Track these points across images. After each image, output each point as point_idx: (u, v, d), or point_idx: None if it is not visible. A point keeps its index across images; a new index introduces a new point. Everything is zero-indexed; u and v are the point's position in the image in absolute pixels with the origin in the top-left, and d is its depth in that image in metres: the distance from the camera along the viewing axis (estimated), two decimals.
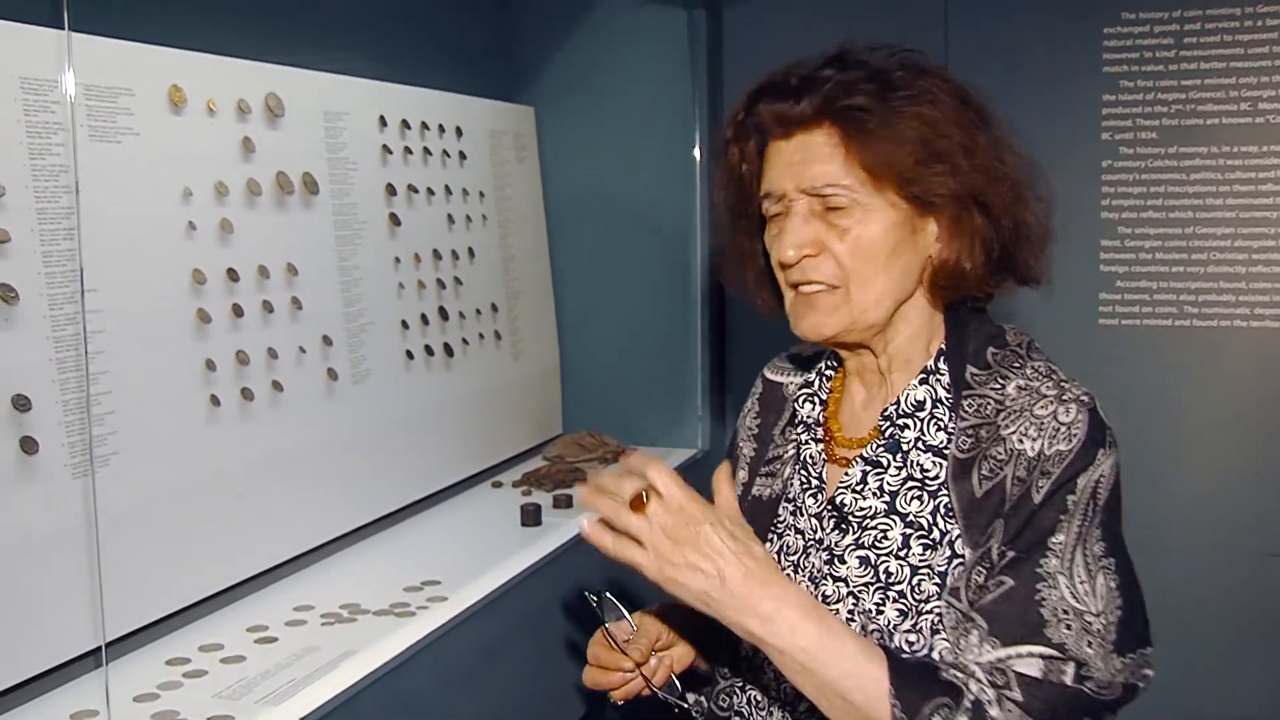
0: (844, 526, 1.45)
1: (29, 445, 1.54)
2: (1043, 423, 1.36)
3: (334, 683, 1.60)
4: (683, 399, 3.04)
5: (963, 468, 1.38)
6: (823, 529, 1.48)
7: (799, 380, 1.65)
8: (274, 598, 1.96)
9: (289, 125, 2.10)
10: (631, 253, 3.04)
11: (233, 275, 1.93)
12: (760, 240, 1.53)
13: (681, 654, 1.61)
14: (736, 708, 1.54)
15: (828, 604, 1.42)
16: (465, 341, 2.64)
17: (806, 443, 1.56)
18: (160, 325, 1.79)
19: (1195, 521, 2.73)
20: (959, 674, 1.28)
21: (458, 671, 1.81)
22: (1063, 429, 1.34)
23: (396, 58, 2.52)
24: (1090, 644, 1.29)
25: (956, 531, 1.37)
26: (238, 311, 1.94)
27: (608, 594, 1.56)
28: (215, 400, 1.88)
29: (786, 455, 1.59)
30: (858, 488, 1.45)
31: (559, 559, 2.17)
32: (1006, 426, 1.38)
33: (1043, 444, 1.34)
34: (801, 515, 1.52)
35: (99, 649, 1.65)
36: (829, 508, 1.48)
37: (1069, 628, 1.28)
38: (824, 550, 1.46)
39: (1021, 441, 1.36)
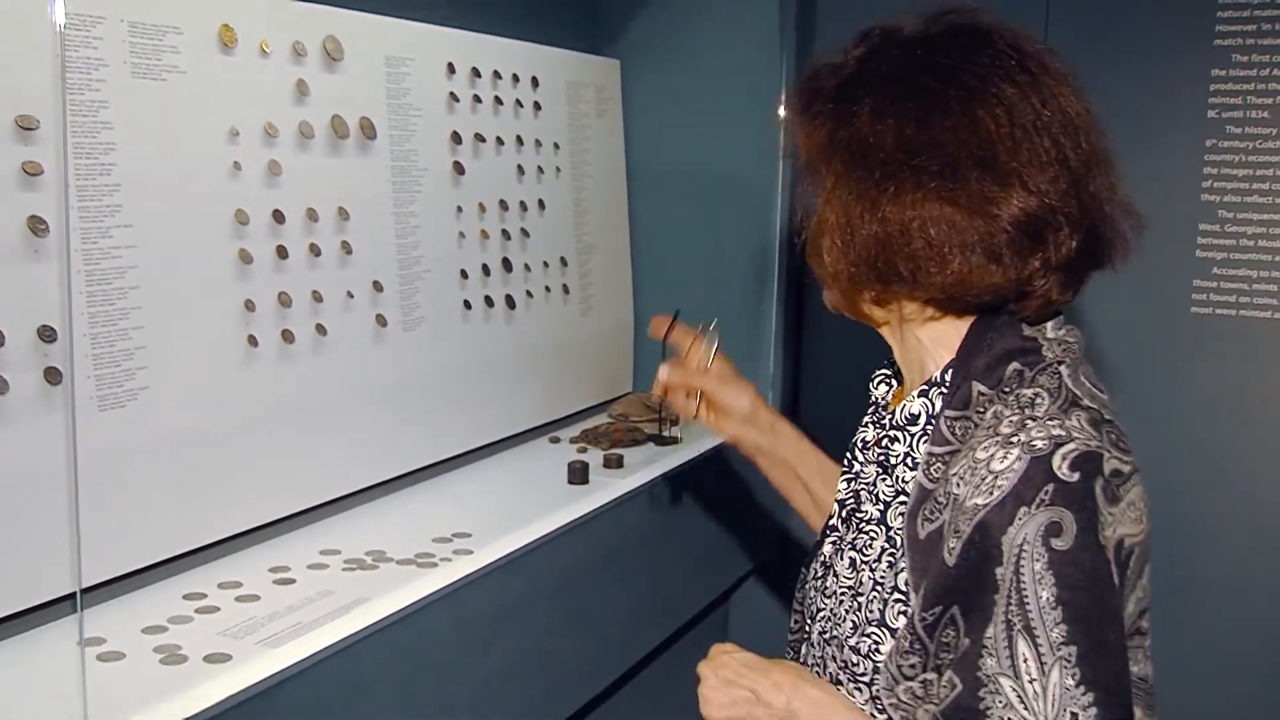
0: (849, 521, 1.43)
1: (53, 375, 1.57)
2: (976, 467, 1.20)
3: (336, 630, 1.60)
4: (755, 366, 2.97)
5: (919, 499, 1.27)
6: (839, 518, 1.46)
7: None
8: (303, 541, 1.97)
9: (348, 69, 2.09)
10: (713, 213, 2.98)
11: (278, 217, 1.94)
12: None
13: (723, 426, 1.74)
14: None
15: (824, 594, 1.42)
16: (530, 294, 2.62)
17: (866, 425, 1.50)
18: (198, 264, 1.81)
19: None
20: None
21: (472, 628, 1.81)
22: (988, 479, 1.18)
23: (475, 7, 2.50)
24: None
25: (904, 564, 1.27)
26: (282, 254, 1.95)
27: (715, 326, 1.78)
28: (253, 341, 1.89)
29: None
30: (869, 489, 1.41)
31: (596, 520, 2.15)
32: (954, 465, 1.23)
33: (967, 492, 1.19)
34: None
35: (120, 577, 1.70)
36: (853, 499, 1.44)
37: None
38: (837, 540, 1.44)
39: (958, 486, 1.21)
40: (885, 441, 1.38)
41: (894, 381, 1.50)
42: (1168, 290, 2.61)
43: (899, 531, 1.30)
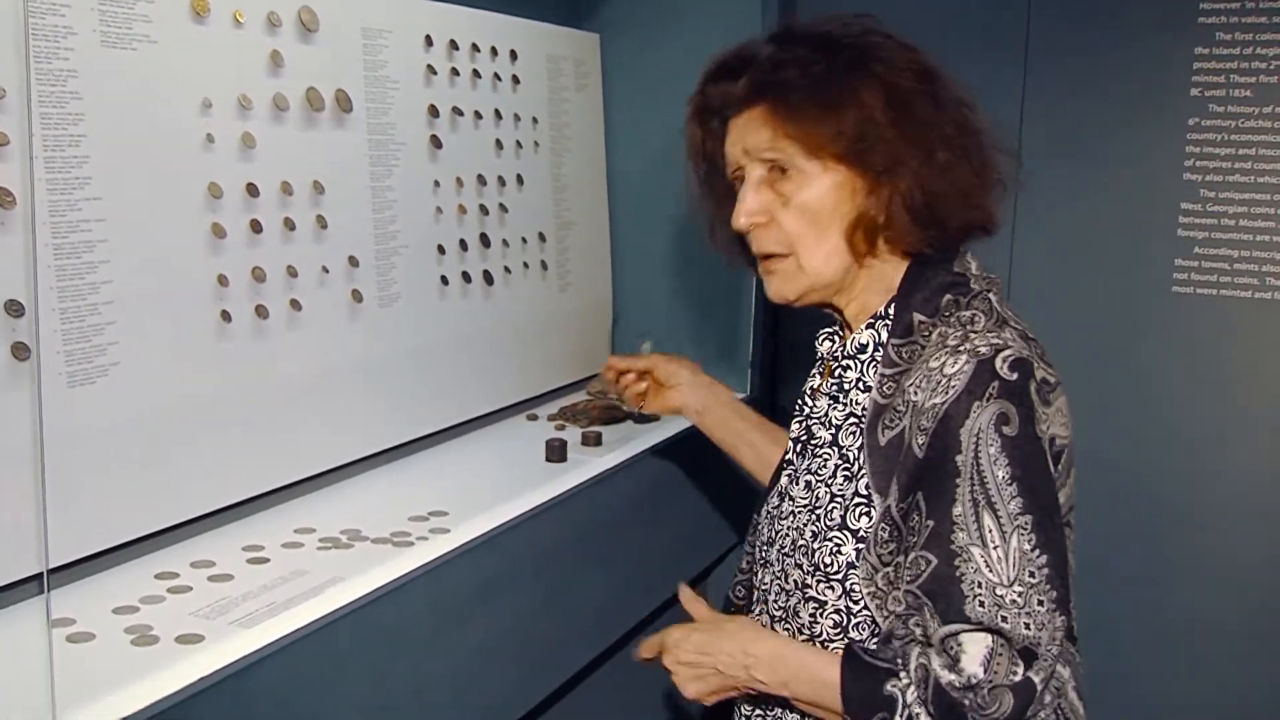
0: (803, 452, 1.59)
1: (20, 351, 1.54)
2: (930, 374, 1.38)
3: (310, 610, 1.58)
4: (734, 342, 2.97)
5: (876, 413, 1.45)
6: (794, 452, 1.62)
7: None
8: (277, 519, 1.95)
9: (323, 40, 2.06)
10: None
11: (252, 190, 1.91)
12: (730, 206, 1.61)
13: (668, 400, 2.01)
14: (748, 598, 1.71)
15: (780, 519, 1.58)
16: (508, 270, 2.60)
17: (813, 375, 1.67)
18: (169, 238, 1.77)
19: (1268, 504, 2.58)
20: (898, 682, 1.35)
21: (449, 608, 1.79)
22: (943, 381, 1.36)
23: None
24: (1005, 618, 1.30)
25: (864, 472, 1.44)
26: (256, 228, 1.91)
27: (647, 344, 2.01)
28: (227, 316, 1.86)
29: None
30: (821, 419, 1.57)
31: (575, 498, 2.13)
32: (908, 378, 1.42)
33: (925, 395, 1.37)
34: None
35: (91, 556, 1.68)
36: (805, 434, 1.61)
37: (983, 604, 1.30)
38: (792, 471, 1.60)
39: (916, 394, 1.39)
40: (838, 371, 1.55)
41: (836, 339, 1.64)
42: (1149, 269, 2.61)
43: (855, 446, 1.47)
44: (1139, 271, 2.62)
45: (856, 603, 1.43)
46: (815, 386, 1.65)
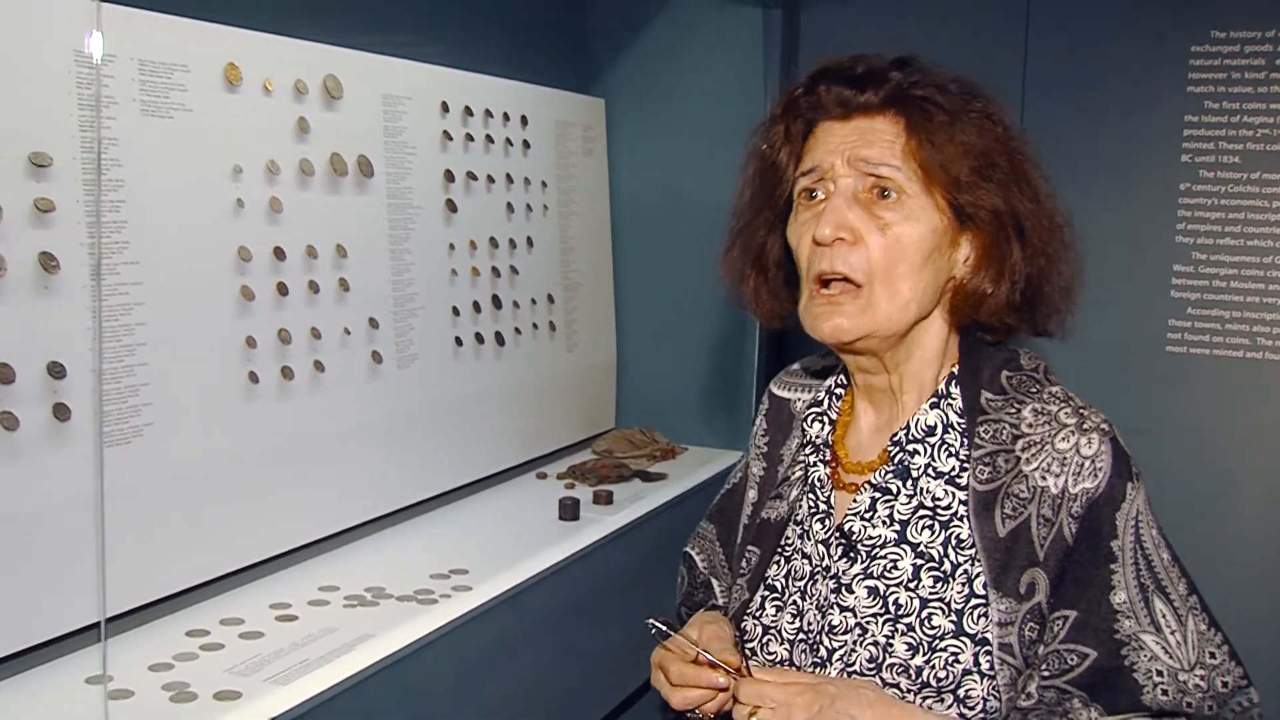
0: (852, 555, 1.39)
1: (61, 412, 1.57)
2: (1065, 457, 1.31)
3: (344, 667, 1.60)
4: (737, 402, 3.00)
5: (984, 502, 1.32)
6: (830, 556, 1.42)
7: (808, 398, 1.58)
8: (301, 576, 1.97)
9: (346, 107, 2.11)
10: (695, 251, 2.99)
11: (279, 254, 1.95)
12: (776, 235, 1.46)
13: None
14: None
15: (834, 634, 1.36)
16: (518, 331, 2.64)
17: (815, 465, 1.49)
18: (202, 300, 1.81)
19: (1261, 563, 2.63)
20: None
21: (473, 664, 1.81)
22: (1086, 464, 1.30)
23: (467, 46, 2.52)
24: (1190, 704, 1.26)
25: (976, 569, 1.31)
26: (282, 290, 1.96)
27: (663, 623, 1.44)
28: (254, 378, 1.90)
29: (794, 477, 1.52)
30: (867, 515, 1.39)
31: (591, 555, 2.16)
32: (1028, 462, 1.32)
33: (1066, 480, 1.30)
34: (809, 540, 1.45)
35: (121, 614, 1.69)
36: (837, 535, 1.41)
37: (1165, 692, 1.26)
38: (831, 578, 1.40)
39: (1044, 478, 1.31)
40: (898, 457, 1.39)
41: (826, 419, 1.51)
42: (1143, 329, 2.67)
43: (939, 541, 1.34)
44: (1134, 331, 2.67)
45: (973, 709, 1.28)
46: (823, 476, 1.47)
